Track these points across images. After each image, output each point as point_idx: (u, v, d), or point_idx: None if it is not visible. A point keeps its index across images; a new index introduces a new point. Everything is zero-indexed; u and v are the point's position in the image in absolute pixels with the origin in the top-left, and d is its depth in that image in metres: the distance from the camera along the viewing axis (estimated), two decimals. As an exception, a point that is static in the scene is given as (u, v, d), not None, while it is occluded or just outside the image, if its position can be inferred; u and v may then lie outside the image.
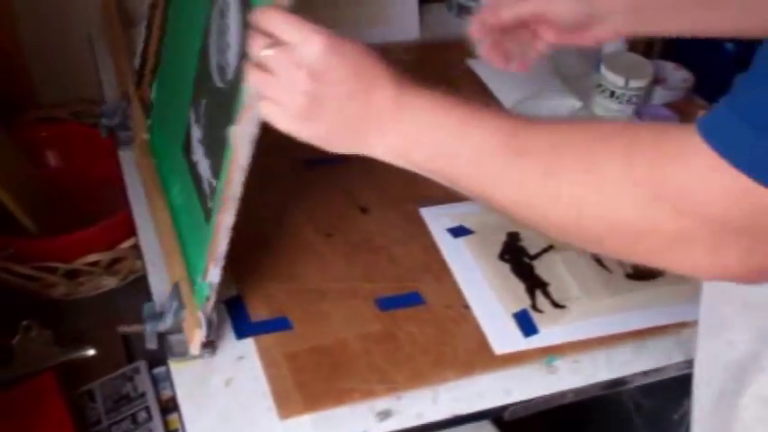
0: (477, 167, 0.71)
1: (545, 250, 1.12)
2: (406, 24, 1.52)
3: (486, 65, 1.02)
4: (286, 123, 0.75)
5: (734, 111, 0.57)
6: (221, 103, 0.84)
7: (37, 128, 1.61)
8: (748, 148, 0.56)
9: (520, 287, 1.07)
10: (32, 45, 1.56)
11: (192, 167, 0.88)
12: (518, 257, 1.11)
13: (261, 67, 0.74)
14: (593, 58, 1.43)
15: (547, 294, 1.06)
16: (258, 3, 0.73)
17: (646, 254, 0.66)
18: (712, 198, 0.59)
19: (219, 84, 0.87)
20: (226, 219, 0.82)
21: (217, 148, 0.85)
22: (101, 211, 1.45)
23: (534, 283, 1.07)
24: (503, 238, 1.13)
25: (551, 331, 1.01)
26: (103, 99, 1.30)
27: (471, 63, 1.48)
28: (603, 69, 1.35)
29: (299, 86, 0.72)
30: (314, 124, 0.74)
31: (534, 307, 1.04)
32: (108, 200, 1.43)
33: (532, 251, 1.12)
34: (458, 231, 1.14)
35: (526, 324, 1.02)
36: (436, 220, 1.14)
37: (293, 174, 1.20)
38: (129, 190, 1.16)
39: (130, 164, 1.19)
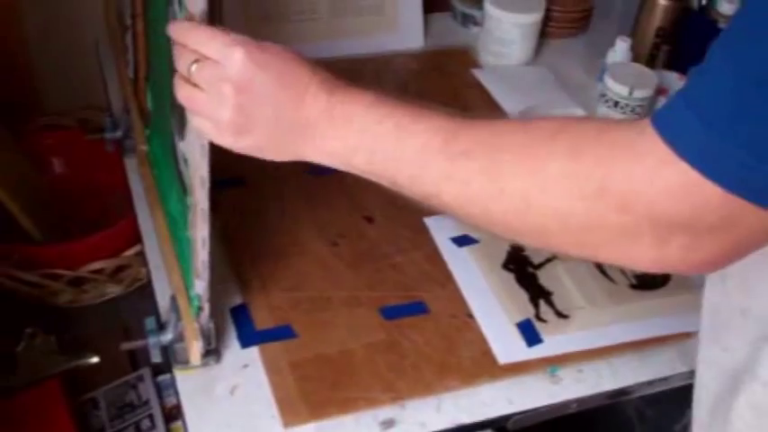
0: (420, 169, 0.70)
1: (548, 260, 1.12)
2: (410, 33, 1.53)
3: (490, 73, 1.02)
4: (219, 138, 0.74)
5: (686, 103, 0.57)
6: (183, 114, 0.83)
7: (43, 135, 1.61)
8: (697, 142, 0.56)
9: (523, 297, 1.07)
10: (39, 52, 1.56)
11: (180, 177, 0.88)
12: (522, 267, 1.11)
13: (188, 82, 0.73)
14: (598, 67, 1.44)
15: (551, 304, 1.06)
16: (183, 7, 0.72)
17: (591, 248, 0.64)
18: (660, 192, 0.58)
19: None
20: (199, 231, 0.82)
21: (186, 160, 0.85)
22: (106, 219, 1.46)
23: (538, 293, 1.08)
24: (506, 247, 1.14)
25: (555, 340, 1.01)
26: (110, 106, 1.31)
27: (475, 72, 1.48)
28: (607, 79, 1.35)
29: (226, 100, 0.71)
30: (247, 137, 0.74)
31: (538, 317, 1.04)
32: (113, 207, 1.44)
33: (536, 260, 1.12)
34: (462, 241, 1.14)
35: (530, 334, 1.02)
36: (441, 229, 1.15)
37: (298, 182, 1.20)
38: (134, 198, 1.17)
39: (136, 172, 1.19)
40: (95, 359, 1.40)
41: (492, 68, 1.50)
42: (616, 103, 1.34)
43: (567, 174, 0.62)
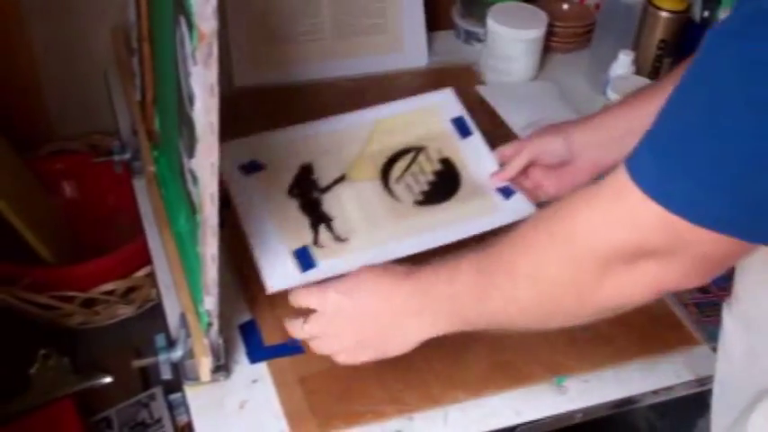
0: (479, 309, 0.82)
1: (336, 181, 1.12)
2: (414, 51, 1.54)
3: (495, 90, 1.05)
4: (354, 359, 0.91)
5: (646, 142, 0.64)
6: (192, 132, 0.85)
7: (53, 160, 1.63)
8: (648, 170, 0.63)
9: (304, 223, 1.07)
10: (49, 78, 1.58)
11: (189, 197, 0.90)
12: (307, 192, 1.11)
13: (312, 337, 0.91)
14: (601, 81, 1.45)
15: (330, 229, 1.07)
16: (193, 27, 0.74)
17: (592, 300, 0.73)
18: (613, 222, 0.67)
19: (191, 112, 0.88)
20: (209, 248, 0.83)
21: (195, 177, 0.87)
22: (117, 241, 1.47)
23: (319, 219, 1.08)
24: (294, 171, 1.14)
25: (330, 264, 1.03)
26: (118, 129, 1.32)
27: (480, 88, 1.49)
28: (611, 92, 1.36)
29: (338, 336, 0.91)
30: (368, 350, 0.90)
31: (316, 243, 1.05)
32: (124, 230, 1.45)
33: (323, 184, 1.12)
34: (249, 168, 1.14)
35: (305, 259, 1.03)
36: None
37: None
38: (143, 219, 1.18)
39: (144, 193, 1.21)
40: (108, 379, 1.41)
41: (496, 85, 1.52)
42: (619, 116, 1.34)
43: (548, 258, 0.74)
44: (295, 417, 0.93)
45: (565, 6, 1.66)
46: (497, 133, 1.39)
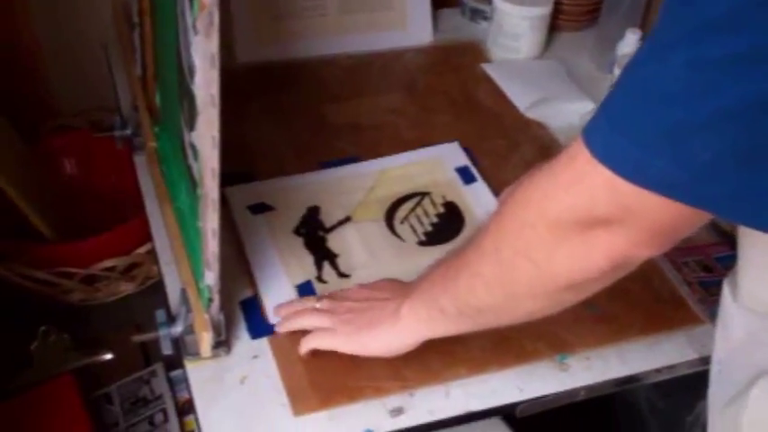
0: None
1: (341, 222, 1.14)
2: (419, 29, 1.53)
3: (500, 68, 1.03)
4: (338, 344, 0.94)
5: (602, 106, 0.64)
6: (193, 105, 0.84)
7: (54, 137, 1.63)
8: (602, 135, 0.63)
9: (309, 260, 1.08)
10: (50, 55, 1.57)
11: (189, 171, 0.89)
12: (312, 231, 1.12)
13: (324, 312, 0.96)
14: (607, 60, 1.44)
15: (334, 265, 1.08)
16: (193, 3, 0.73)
17: (550, 270, 0.73)
18: (565, 186, 0.67)
19: (192, 84, 0.88)
20: (210, 223, 0.83)
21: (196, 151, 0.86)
22: (118, 218, 1.46)
23: (323, 255, 1.09)
24: (303, 212, 1.15)
25: None
26: (119, 104, 1.31)
27: (485, 66, 1.48)
28: (617, 72, 1.35)
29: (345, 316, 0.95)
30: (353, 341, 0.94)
31: (319, 278, 1.06)
32: (126, 207, 1.45)
33: (328, 224, 1.14)
34: (257, 208, 1.15)
35: (307, 293, 1.03)
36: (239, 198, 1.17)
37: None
38: (144, 195, 1.17)
39: (145, 169, 1.20)
40: (109, 355, 1.41)
41: (502, 63, 1.51)
42: (625, 95, 1.33)
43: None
44: (296, 392, 0.93)
45: (571, -16, 1.65)
46: (502, 112, 1.38)
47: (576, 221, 0.67)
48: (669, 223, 0.64)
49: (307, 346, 0.95)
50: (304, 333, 0.96)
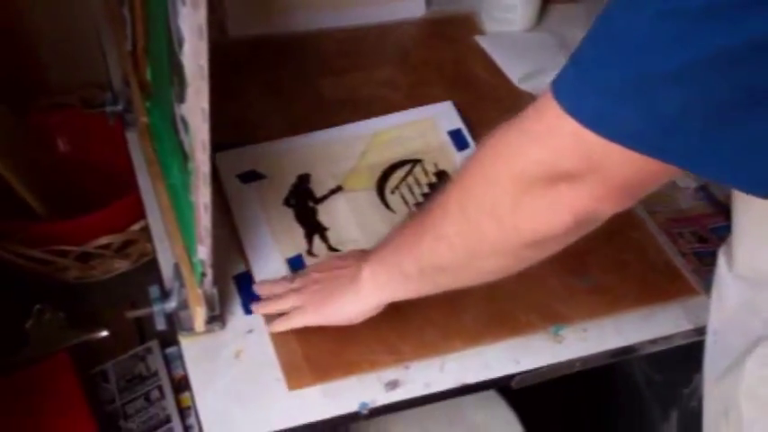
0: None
1: (332, 192, 1.13)
2: (413, 1, 1.52)
3: (494, 40, 1.02)
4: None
5: (571, 58, 0.63)
6: (182, 77, 0.84)
7: (47, 114, 1.62)
8: (568, 85, 0.63)
9: (300, 233, 1.08)
10: (41, 31, 1.56)
11: (181, 146, 0.88)
12: (303, 202, 1.12)
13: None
14: (600, 31, 1.43)
15: (324, 239, 1.07)
16: None
17: (512, 222, 0.72)
18: (542, 143, 0.66)
19: (181, 56, 0.87)
20: (201, 197, 0.82)
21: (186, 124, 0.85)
22: (112, 195, 1.46)
23: (313, 229, 1.09)
24: (292, 181, 1.14)
25: None
26: (110, 80, 1.31)
27: (479, 38, 1.47)
28: (610, 42, 1.34)
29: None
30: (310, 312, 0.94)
31: (310, 252, 1.05)
32: (119, 184, 1.44)
33: (319, 194, 1.13)
34: (248, 177, 1.15)
35: (298, 268, 1.03)
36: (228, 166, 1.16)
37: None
38: (137, 172, 1.17)
39: (138, 145, 1.19)
40: (104, 333, 1.41)
41: (495, 35, 1.49)
42: (619, 66, 1.33)
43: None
44: (290, 366, 0.93)
45: (565, -45, 1.63)
46: (496, 84, 1.37)
47: (542, 176, 0.66)
48: (634, 177, 0.64)
49: (277, 329, 0.96)
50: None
